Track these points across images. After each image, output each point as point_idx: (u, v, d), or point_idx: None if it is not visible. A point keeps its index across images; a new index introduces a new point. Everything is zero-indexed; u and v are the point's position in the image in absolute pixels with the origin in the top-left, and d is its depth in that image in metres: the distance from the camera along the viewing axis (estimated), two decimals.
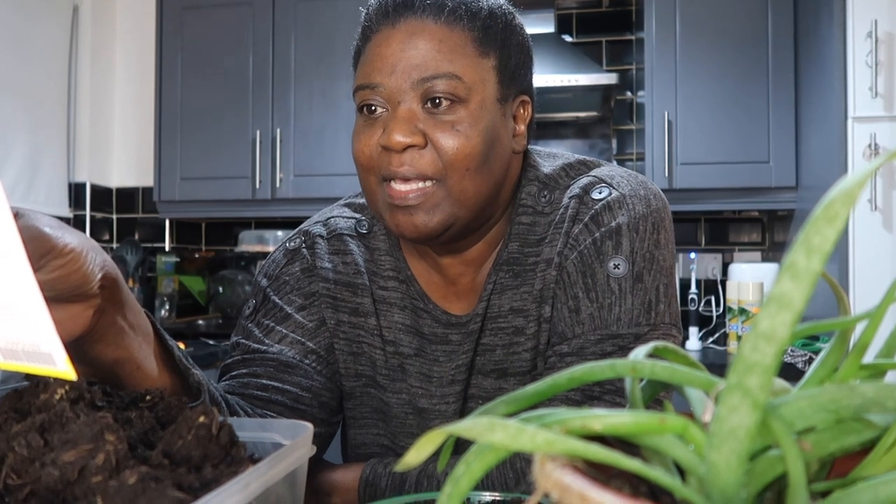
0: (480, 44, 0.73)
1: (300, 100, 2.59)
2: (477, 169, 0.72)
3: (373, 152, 0.73)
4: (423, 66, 0.71)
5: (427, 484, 0.71)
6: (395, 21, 0.73)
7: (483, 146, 0.72)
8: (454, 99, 0.71)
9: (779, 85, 2.33)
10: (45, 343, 0.41)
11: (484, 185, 0.74)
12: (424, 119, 0.71)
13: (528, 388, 0.30)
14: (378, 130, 0.73)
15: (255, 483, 0.38)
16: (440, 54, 0.71)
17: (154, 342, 0.61)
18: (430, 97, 0.71)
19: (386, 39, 0.73)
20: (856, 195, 0.21)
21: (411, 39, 0.72)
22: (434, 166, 0.71)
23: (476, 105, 0.72)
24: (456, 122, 0.71)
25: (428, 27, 0.72)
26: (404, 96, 0.71)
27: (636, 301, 0.73)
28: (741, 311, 2.30)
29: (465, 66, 0.72)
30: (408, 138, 0.70)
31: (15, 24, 2.47)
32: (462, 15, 0.73)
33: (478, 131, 0.72)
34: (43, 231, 0.45)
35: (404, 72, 0.71)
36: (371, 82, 0.72)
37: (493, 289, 0.80)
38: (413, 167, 0.71)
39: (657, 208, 0.77)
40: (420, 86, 0.71)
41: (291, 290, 0.85)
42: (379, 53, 0.73)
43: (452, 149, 0.71)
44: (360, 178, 0.76)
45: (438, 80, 0.70)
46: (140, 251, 2.79)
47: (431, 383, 0.82)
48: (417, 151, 0.71)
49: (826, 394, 0.24)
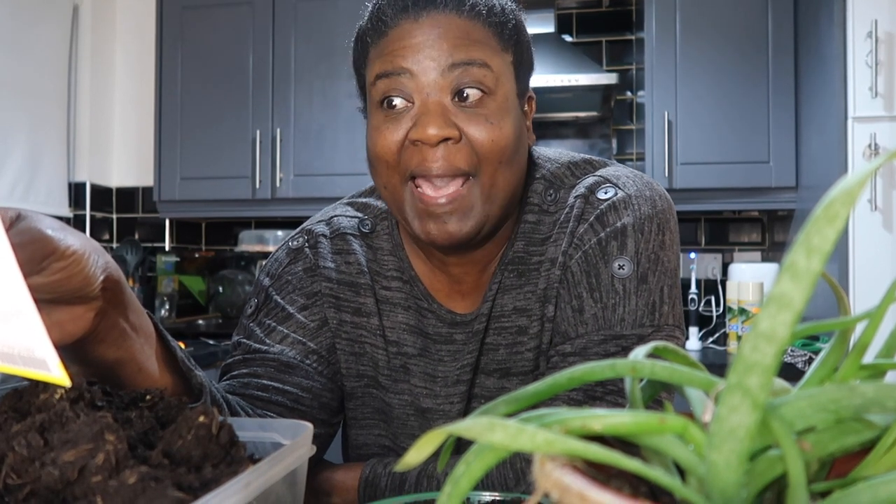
0: (500, 39, 0.73)
1: (300, 100, 2.59)
2: (508, 162, 0.72)
3: (399, 148, 0.71)
4: (453, 51, 0.70)
5: (427, 484, 0.71)
6: (416, 15, 0.71)
7: (514, 137, 0.72)
8: (484, 89, 0.70)
9: (779, 85, 2.33)
10: (39, 349, 0.41)
11: (513, 178, 0.73)
12: (456, 112, 0.70)
13: (529, 388, 0.30)
14: (403, 126, 0.71)
15: (255, 483, 0.38)
16: (470, 42, 0.70)
17: (156, 343, 0.61)
18: (461, 88, 0.70)
19: (409, 32, 0.71)
20: (856, 195, 0.21)
21: (436, 30, 0.70)
22: (469, 160, 0.70)
23: (503, 97, 0.72)
24: (488, 115, 0.70)
25: (453, 20, 0.71)
26: (432, 87, 0.70)
27: (640, 302, 0.73)
28: (741, 311, 2.30)
29: (491, 56, 0.71)
30: (443, 130, 0.68)
31: (15, 23, 2.47)
32: (481, 10, 0.73)
33: (509, 122, 0.71)
34: (45, 233, 0.45)
35: (434, 59, 0.69)
36: (396, 68, 0.70)
37: (498, 288, 0.80)
38: (448, 161, 0.69)
39: (662, 209, 0.76)
40: (450, 73, 0.69)
41: (294, 290, 0.84)
42: (403, 44, 0.71)
43: (488, 140, 0.70)
44: (380, 177, 0.74)
45: (471, 66, 0.70)
46: (140, 251, 2.79)
47: (436, 383, 0.82)
48: (453, 145, 0.69)
49: (826, 394, 0.24)
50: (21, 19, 2.49)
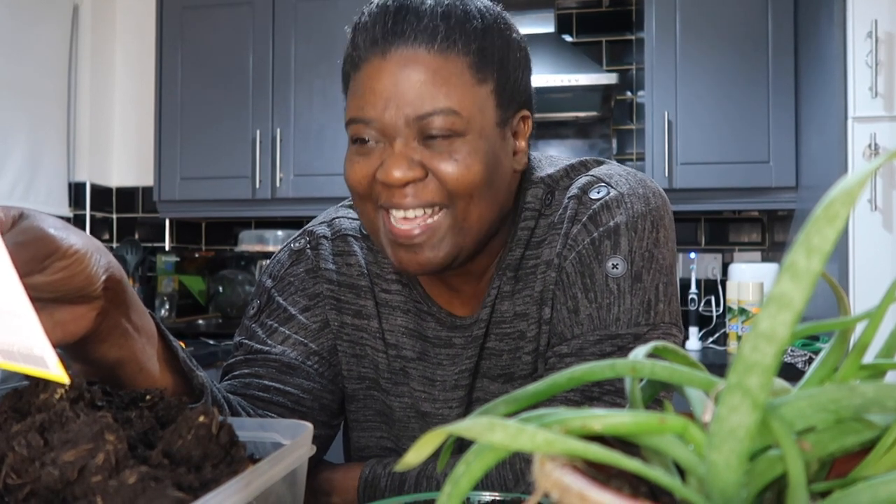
0: (477, 70, 0.70)
1: (300, 100, 2.59)
2: (480, 196, 0.70)
3: (369, 182, 0.71)
4: (418, 101, 0.67)
5: (426, 484, 0.71)
6: (385, 50, 0.68)
7: (485, 173, 0.70)
8: (451, 134, 0.68)
9: (779, 85, 2.33)
10: (37, 347, 0.41)
11: (487, 210, 0.72)
12: (421, 151, 0.69)
13: (528, 389, 0.30)
14: (374, 161, 0.70)
15: (255, 483, 0.38)
16: (435, 87, 0.67)
17: (158, 343, 0.61)
18: (427, 133, 0.68)
19: (377, 72, 0.69)
20: (856, 195, 0.21)
21: (403, 71, 0.67)
22: (439, 194, 0.69)
23: (474, 136, 0.69)
24: (454, 153, 0.68)
25: (420, 57, 0.68)
26: (399, 132, 0.68)
27: (635, 301, 0.73)
28: (741, 311, 2.30)
29: (461, 96, 0.68)
30: (407, 174, 0.68)
31: (15, 24, 2.47)
32: (456, 40, 0.69)
33: (478, 160, 0.69)
34: (47, 232, 0.45)
35: (398, 108, 0.67)
36: (364, 117, 0.69)
37: (497, 294, 0.79)
38: (416, 198, 0.69)
39: (656, 206, 0.76)
40: (415, 123, 0.68)
41: (296, 291, 0.84)
42: (370, 87, 0.69)
43: (454, 177, 0.68)
44: (356, 204, 0.75)
45: (435, 116, 0.67)
46: (140, 251, 2.79)
47: (434, 387, 0.82)
48: (420, 183, 0.69)
49: (826, 394, 0.24)
50: (21, 19, 2.49)
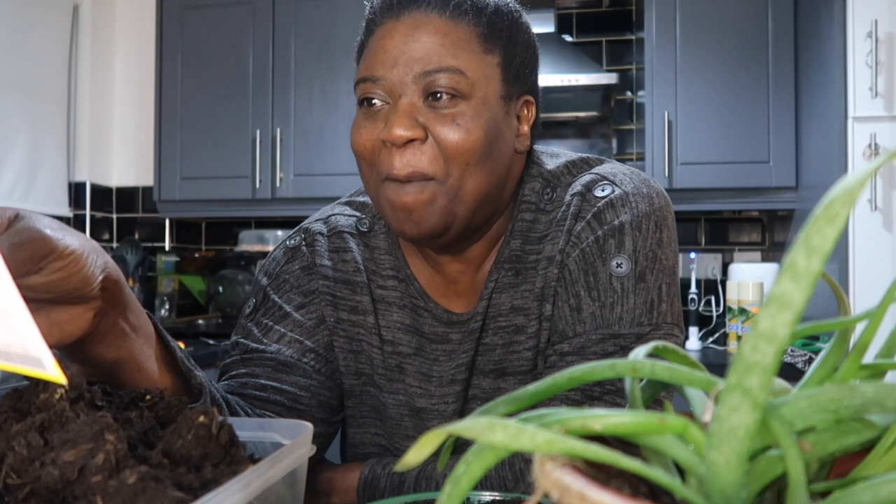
0: (485, 40, 0.73)
1: (300, 99, 2.59)
2: (477, 164, 0.71)
3: (374, 146, 0.73)
4: (426, 59, 0.70)
5: (426, 484, 0.71)
6: (399, 14, 0.73)
7: (484, 141, 0.71)
8: (455, 94, 0.71)
9: (779, 85, 2.33)
10: (33, 348, 0.41)
11: (484, 181, 0.73)
12: (425, 112, 0.71)
13: (528, 388, 0.30)
14: (379, 124, 0.72)
15: (255, 483, 0.38)
16: (443, 48, 0.71)
17: (156, 343, 0.61)
18: (432, 91, 0.71)
19: (389, 32, 0.72)
20: (856, 195, 0.21)
21: (415, 33, 0.71)
22: (435, 163, 0.70)
23: (478, 100, 0.72)
24: (457, 116, 0.70)
25: (432, 20, 0.72)
26: (406, 89, 0.71)
27: (638, 300, 0.73)
28: (741, 311, 2.30)
29: (468, 61, 0.71)
30: (408, 132, 0.69)
31: (15, 23, 2.47)
32: (467, 10, 0.73)
33: (479, 126, 0.71)
34: (43, 233, 0.45)
35: (406, 65, 0.71)
36: (372, 75, 0.72)
37: (495, 287, 0.80)
38: (413, 166, 0.70)
39: (660, 207, 0.76)
40: (422, 79, 0.70)
41: (291, 289, 0.84)
42: (382, 46, 0.72)
43: (453, 142, 0.70)
44: (361, 171, 0.76)
45: (441, 73, 0.70)
46: (140, 251, 2.79)
47: (431, 383, 0.82)
48: (418, 147, 0.70)
49: (826, 394, 0.24)
50: (21, 19, 2.49)
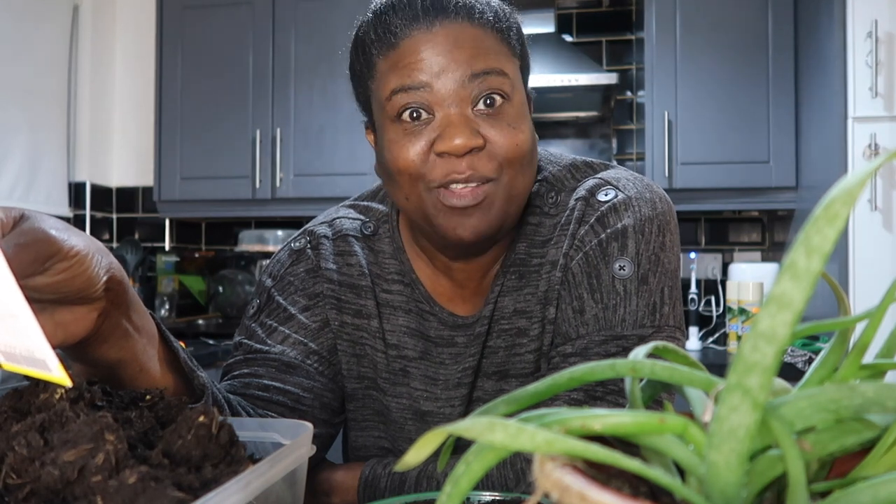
0: (508, 45, 0.74)
1: (300, 99, 2.59)
2: (528, 164, 0.73)
3: (423, 161, 0.71)
4: (472, 62, 0.70)
5: (427, 484, 0.71)
6: (429, 25, 0.71)
7: (532, 141, 0.73)
8: (503, 95, 0.71)
9: (779, 85, 2.33)
10: (38, 350, 0.41)
11: (530, 180, 0.75)
12: (479, 120, 0.71)
13: (528, 388, 0.30)
14: (424, 138, 0.70)
15: (255, 483, 0.38)
16: (485, 53, 0.71)
17: (159, 344, 0.61)
18: (482, 96, 0.70)
19: (424, 44, 0.70)
20: (856, 195, 0.21)
21: (453, 41, 0.70)
22: (492, 167, 0.70)
23: (519, 102, 0.73)
24: (510, 120, 0.71)
25: (465, 29, 0.71)
26: (454, 99, 0.70)
27: (641, 303, 0.73)
28: (741, 311, 2.31)
29: (505, 63, 0.72)
30: (470, 141, 0.68)
31: (15, 23, 2.47)
32: (490, 18, 0.73)
33: (527, 126, 0.73)
34: (48, 233, 0.45)
35: (453, 70, 0.69)
36: (416, 82, 0.70)
37: (500, 290, 0.80)
38: (476, 170, 0.70)
39: (663, 211, 0.77)
40: (470, 83, 0.70)
41: (295, 291, 0.84)
42: (418, 58, 0.70)
43: (511, 146, 0.71)
44: (401, 189, 0.73)
45: (490, 75, 0.70)
46: (140, 251, 2.79)
47: (437, 386, 0.82)
48: (477, 154, 0.70)
49: (826, 394, 0.24)
50: (21, 19, 2.49)
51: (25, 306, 0.39)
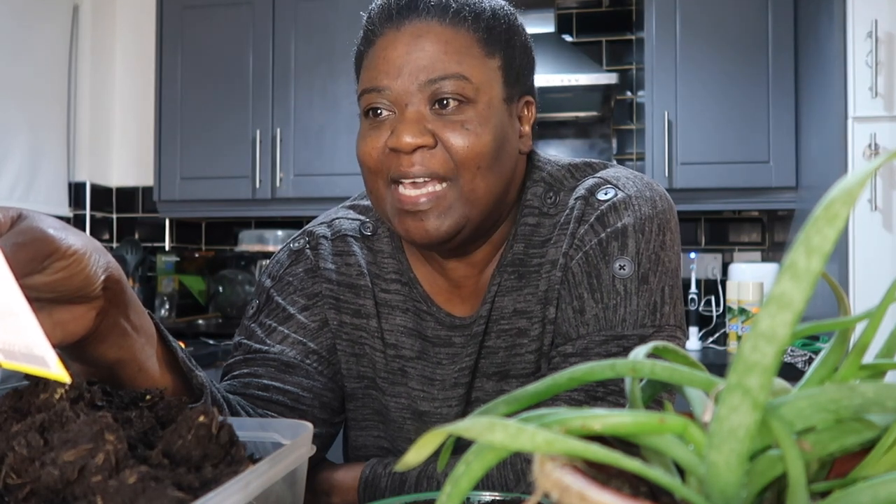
0: (485, 44, 0.74)
1: (300, 99, 2.59)
2: (488, 167, 0.72)
3: (380, 155, 0.73)
4: (430, 67, 0.71)
5: (427, 484, 0.71)
6: (399, 24, 0.73)
7: (493, 144, 0.72)
8: (462, 99, 0.71)
9: (779, 85, 2.33)
10: (37, 347, 0.41)
11: (494, 184, 0.74)
12: (433, 120, 0.71)
13: (529, 388, 0.30)
14: (385, 133, 0.72)
15: (255, 483, 0.38)
16: (447, 55, 0.71)
17: (157, 343, 0.61)
18: (438, 98, 0.71)
19: (391, 42, 0.72)
20: (856, 195, 0.21)
21: (417, 41, 0.72)
22: (445, 165, 0.71)
23: (484, 105, 0.72)
24: (465, 122, 0.71)
25: (433, 29, 0.72)
26: (412, 98, 0.71)
27: (641, 302, 0.73)
28: (741, 311, 2.30)
29: (471, 66, 0.72)
30: (417, 139, 0.70)
31: (15, 23, 2.47)
32: (466, 16, 0.73)
33: (488, 130, 0.72)
34: (46, 232, 0.45)
35: (411, 74, 0.71)
36: (377, 85, 0.72)
37: (498, 290, 0.80)
38: (424, 166, 0.70)
39: (663, 210, 0.76)
40: (427, 87, 0.71)
41: (295, 291, 0.85)
42: (384, 56, 0.72)
43: (463, 147, 0.70)
44: (367, 182, 0.76)
45: (446, 80, 0.70)
46: (140, 251, 2.79)
47: (434, 386, 0.82)
48: (428, 151, 0.71)
49: (826, 394, 0.24)
50: (21, 19, 2.49)
51: (24, 304, 0.39)
